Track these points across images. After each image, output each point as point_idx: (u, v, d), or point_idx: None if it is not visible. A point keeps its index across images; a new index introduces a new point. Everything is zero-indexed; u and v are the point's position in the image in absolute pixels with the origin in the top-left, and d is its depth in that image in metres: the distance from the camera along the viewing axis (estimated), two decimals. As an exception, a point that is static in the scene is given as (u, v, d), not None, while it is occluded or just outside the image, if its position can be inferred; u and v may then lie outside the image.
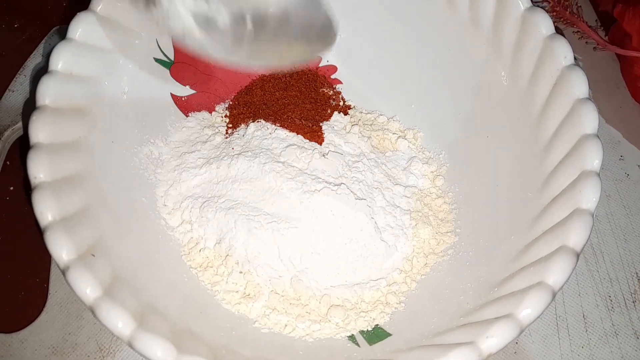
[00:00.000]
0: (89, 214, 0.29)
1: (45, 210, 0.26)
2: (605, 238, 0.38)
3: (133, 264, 0.30)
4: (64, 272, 0.25)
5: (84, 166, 0.30)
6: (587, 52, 0.45)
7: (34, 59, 0.45)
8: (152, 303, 0.28)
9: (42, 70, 0.42)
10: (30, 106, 0.31)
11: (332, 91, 0.40)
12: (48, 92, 0.30)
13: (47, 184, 0.27)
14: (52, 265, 0.36)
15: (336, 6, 0.39)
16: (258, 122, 0.36)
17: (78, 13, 0.32)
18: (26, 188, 0.34)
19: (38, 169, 0.27)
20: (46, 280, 0.36)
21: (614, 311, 0.36)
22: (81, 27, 0.32)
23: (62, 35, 0.32)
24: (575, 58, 0.32)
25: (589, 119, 0.29)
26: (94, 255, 0.27)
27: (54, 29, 0.46)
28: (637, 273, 0.37)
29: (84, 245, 0.27)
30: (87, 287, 0.25)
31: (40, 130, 0.29)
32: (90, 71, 0.32)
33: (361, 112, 0.40)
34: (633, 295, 0.36)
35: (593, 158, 0.28)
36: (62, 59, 0.31)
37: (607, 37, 0.45)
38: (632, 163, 0.41)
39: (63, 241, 0.26)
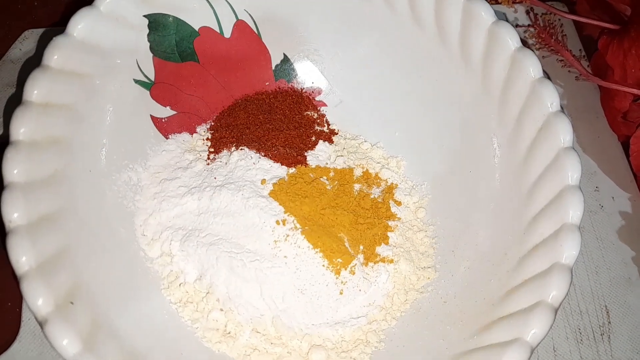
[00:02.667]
0: (66, 254, 0.28)
1: (21, 257, 0.25)
2: (577, 270, 0.39)
3: (113, 305, 0.29)
4: (41, 324, 0.25)
5: (61, 202, 0.29)
6: (569, 80, 0.45)
7: (3, 65, 0.43)
8: (134, 350, 0.27)
9: (15, 99, 0.40)
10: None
11: (316, 114, 0.40)
12: (23, 126, 0.28)
13: (22, 228, 0.26)
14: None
15: (328, 33, 0.38)
16: (241, 149, 0.36)
17: (54, 37, 0.30)
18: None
19: (13, 211, 0.26)
20: (19, 304, 0.35)
21: (582, 344, 0.37)
22: (57, 52, 0.30)
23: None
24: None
25: (573, 170, 0.30)
26: (72, 303, 0.26)
27: (25, 32, 0.44)
28: (606, 306, 0.38)
29: (62, 292, 0.26)
30: (66, 342, 0.24)
31: (15, 168, 0.27)
32: (68, 99, 0.31)
33: (345, 139, 0.39)
34: (601, 328, 0.38)
35: (575, 211, 0.29)
36: (37, 87, 0.29)
37: (589, 64, 0.46)
38: (607, 195, 0.42)
39: (41, 291, 0.25)
